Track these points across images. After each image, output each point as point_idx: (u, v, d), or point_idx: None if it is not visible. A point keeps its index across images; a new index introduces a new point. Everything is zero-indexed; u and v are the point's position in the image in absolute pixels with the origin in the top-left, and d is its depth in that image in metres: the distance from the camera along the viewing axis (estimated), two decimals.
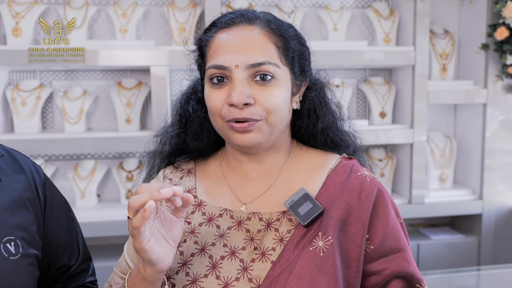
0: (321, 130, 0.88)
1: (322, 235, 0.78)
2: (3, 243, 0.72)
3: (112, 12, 2.21)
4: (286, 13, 2.36)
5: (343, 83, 2.46)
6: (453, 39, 2.54)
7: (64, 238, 0.87)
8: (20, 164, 0.83)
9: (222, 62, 0.79)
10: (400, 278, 0.80)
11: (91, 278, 0.93)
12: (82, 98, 2.23)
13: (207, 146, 0.91)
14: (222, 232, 0.83)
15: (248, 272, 0.78)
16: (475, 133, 2.53)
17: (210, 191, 0.89)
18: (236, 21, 0.82)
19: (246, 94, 0.77)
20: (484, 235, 2.49)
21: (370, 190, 0.82)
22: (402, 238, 0.82)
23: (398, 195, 2.51)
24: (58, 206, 0.88)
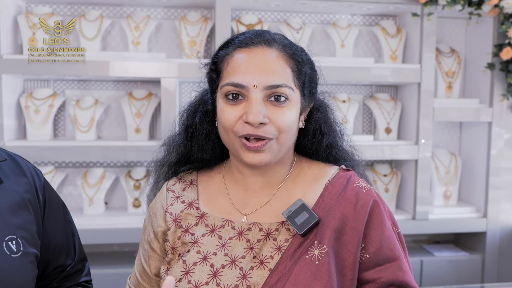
0: (325, 147, 0.92)
1: (318, 243, 0.81)
2: (5, 241, 0.76)
3: (125, 25, 2.28)
4: (294, 29, 2.41)
5: (349, 99, 2.49)
6: (459, 57, 2.57)
7: (61, 239, 0.91)
8: (22, 168, 0.87)
9: (241, 81, 0.83)
10: (395, 286, 0.82)
11: (86, 278, 0.96)
12: (94, 107, 2.29)
13: (211, 157, 0.94)
14: (223, 242, 0.86)
15: (247, 279, 0.81)
16: (480, 151, 2.55)
17: (212, 202, 0.92)
18: (255, 41, 0.86)
19: (262, 114, 0.81)
20: (488, 253, 2.49)
21: (366, 200, 0.85)
22: (397, 248, 0.84)
23: (402, 211, 2.52)
24: (56, 209, 0.91)
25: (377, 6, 2.41)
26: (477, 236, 2.54)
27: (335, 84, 2.58)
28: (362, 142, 2.41)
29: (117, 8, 2.39)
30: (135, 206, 2.33)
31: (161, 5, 2.38)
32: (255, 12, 2.46)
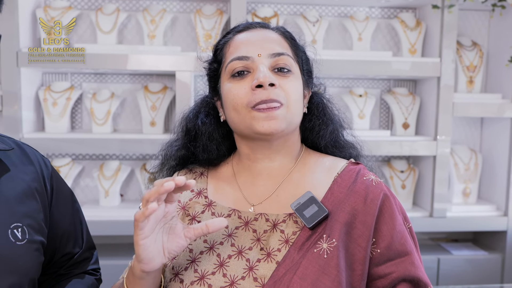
0: (330, 132, 0.91)
1: (327, 237, 0.80)
2: (11, 229, 0.77)
3: (141, 18, 2.28)
4: (311, 22, 2.38)
5: (366, 93, 2.45)
6: (482, 51, 2.50)
7: (69, 227, 0.92)
8: (29, 156, 0.88)
9: (245, 53, 0.85)
10: (407, 282, 0.80)
11: (94, 266, 0.97)
12: (110, 101, 2.31)
13: (217, 156, 0.94)
14: (230, 232, 0.86)
15: (254, 272, 0.80)
16: (502, 148, 2.47)
17: (220, 192, 0.92)
18: (253, 25, 0.91)
19: (272, 76, 0.83)
20: (508, 253, 2.42)
21: (376, 194, 0.83)
22: (408, 242, 0.83)
23: (419, 208, 2.47)
24: (64, 197, 0.92)
25: None
26: (497, 235, 2.48)
27: (352, 78, 2.54)
28: (379, 137, 2.37)
29: (133, 1, 2.39)
30: None
31: None
32: (271, 5, 2.43)
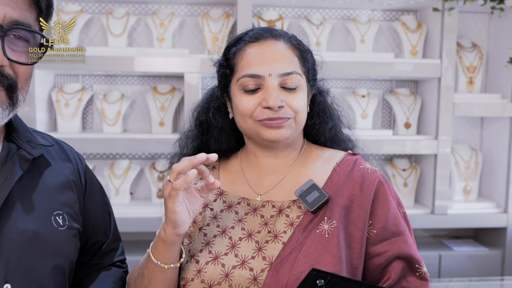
0: (329, 129, 0.99)
1: (328, 219, 0.88)
2: (54, 216, 0.85)
3: (150, 22, 2.36)
4: (315, 25, 2.45)
5: (369, 94, 2.52)
6: (481, 52, 2.56)
7: (99, 218, 0.99)
8: (67, 152, 0.96)
9: (257, 71, 0.91)
10: (400, 259, 0.88)
11: (121, 257, 1.04)
12: (120, 102, 2.38)
13: (228, 147, 1.02)
14: (240, 217, 0.94)
15: (262, 252, 0.88)
16: (501, 147, 2.53)
17: (230, 183, 1.00)
18: (263, 36, 0.95)
19: (280, 99, 0.90)
20: (508, 249, 2.48)
21: (371, 181, 0.91)
22: (402, 224, 0.90)
23: (421, 205, 2.53)
24: (95, 191, 0.99)
25: (397, 1, 2.43)
26: (497, 232, 2.54)
27: (355, 79, 2.61)
28: (381, 136, 2.44)
29: (143, 5, 2.47)
30: (159, 197, 2.42)
31: (185, 2, 2.45)
32: (276, 8, 2.51)
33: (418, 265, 0.89)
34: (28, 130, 0.88)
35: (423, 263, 0.90)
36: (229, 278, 0.87)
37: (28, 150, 0.83)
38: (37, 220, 0.81)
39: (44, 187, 0.85)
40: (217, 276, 0.87)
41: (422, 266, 0.89)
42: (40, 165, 0.86)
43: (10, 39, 0.73)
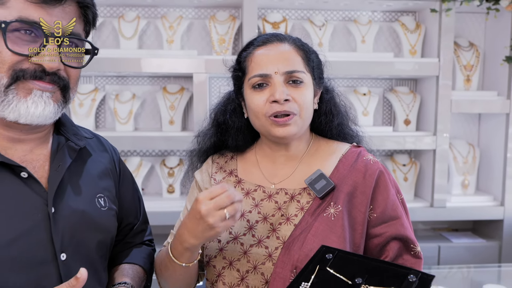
0: (337, 125, 1.08)
1: (334, 204, 0.98)
2: (97, 198, 0.96)
3: (160, 25, 2.47)
4: (317, 26, 2.55)
5: (370, 92, 2.62)
6: (478, 51, 2.65)
7: (130, 202, 1.10)
8: (104, 144, 1.07)
9: (265, 71, 1.01)
10: (397, 239, 0.99)
11: (149, 237, 1.16)
12: (132, 101, 2.49)
13: (243, 144, 1.12)
14: (256, 203, 1.04)
15: (276, 232, 0.99)
16: (498, 142, 2.63)
17: (247, 173, 1.10)
18: (270, 39, 1.06)
19: (285, 93, 0.99)
20: (505, 240, 2.58)
21: (373, 170, 1.02)
22: (399, 209, 1.00)
23: (421, 199, 2.63)
24: (127, 178, 1.11)
25: (397, 3, 2.52)
26: (494, 224, 2.63)
27: (356, 78, 2.71)
28: (382, 133, 2.54)
29: (152, 9, 2.58)
30: (169, 192, 2.53)
31: (192, 5, 2.56)
32: (280, 11, 2.61)
33: (413, 245, 0.99)
34: (73, 125, 0.99)
35: (417, 244, 1.00)
36: (247, 255, 0.98)
37: (75, 142, 0.94)
38: (84, 201, 0.92)
39: (87, 173, 0.96)
40: (237, 253, 0.98)
41: (416, 246, 0.99)
42: (83, 155, 0.97)
43: (64, 46, 0.84)
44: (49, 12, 0.80)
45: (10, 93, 0.80)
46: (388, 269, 0.71)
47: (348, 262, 0.75)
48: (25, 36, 0.80)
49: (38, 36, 0.80)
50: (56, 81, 0.84)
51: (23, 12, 0.78)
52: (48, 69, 0.82)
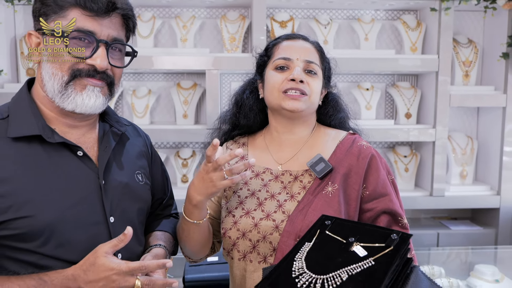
0: (339, 119, 1.24)
1: (331, 183, 1.13)
2: (135, 174, 1.13)
3: (174, 24, 2.62)
4: (322, 25, 2.69)
5: (373, 87, 2.76)
6: (476, 48, 2.78)
7: (160, 180, 1.27)
8: (138, 131, 1.24)
9: (289, 55, 1.19)
10: (386, 213, 1.14)
11: (175, 211, 1.33)
12: (148, 96, 2.65)
13: (253, 123, 1.28)
14: (265, 183, 1.20)
15: (282, 207, 1.15)
16: (495, 134, 2.76)
17: (257, 156, 1.26)
18: (297, 36, 1.26)
19: (303, 76, 1.16)
20: (501, 227, 2.71)
21: (366, 154, 1.17)
22: (388, 187, 1.15)
23: (421, 189, 2.77)
24: (157, 160, 1.27)
25: (398, 2, 2.66)
26: (491, 212, 2.77)
27: (360, 73, 2.85)
28: (384, 126, 2.68)
29: (167, 9, 2.73)
30: (183, 182, 2.69)
31: (205, 5, 2.71)
32: (287, 10, 2.75)
33: (400, 218, 1.14)
34: (115, 114, 1.16)
35: (404, 217, 1.15)
36: (257, 227, 1.13)
37: (118, 128, 1.11)
38: (126, 176, 1.08)
39: (127, 154, 1.12)
40: (249, 225, 1.14)
41: (403, 218, 1.14)
42: (123, 139, 1.14)
43: (111, 50, 1.00)
44: (100, 22, 0.96)
45: (69, 88, 0.97)
46: (376, 231, 0.86)
47: (343, 227, 0.90)
48: (81, 43, 0.96)
49: (91, 42, 0.97)
50: (105, 78, 1.00)
51: (79, 23, 0.95)
52: (99, 68, 0.98)
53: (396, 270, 0.76)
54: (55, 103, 0.98)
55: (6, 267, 0.93)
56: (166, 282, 0.98)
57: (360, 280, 0.74)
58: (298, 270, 0.81)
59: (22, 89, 1.04)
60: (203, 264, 1.70)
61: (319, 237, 0.89)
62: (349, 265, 0.78)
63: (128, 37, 1.08)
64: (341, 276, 0.76)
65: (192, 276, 1.64)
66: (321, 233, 0.90)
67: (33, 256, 0.93)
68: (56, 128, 1.01)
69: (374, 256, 0.78)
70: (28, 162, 0.94)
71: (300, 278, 0.79)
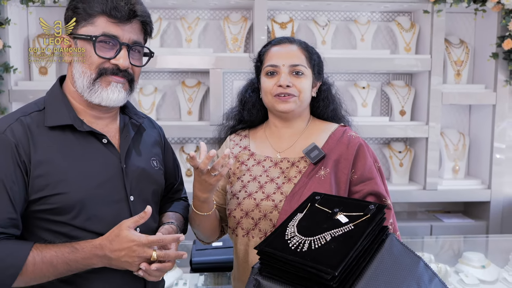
0: (332, 110, 1.37)
1: (324, 168, 1.27)
2: (151, 160, 1.26)
3: (179, 25, 2.76)
4: (321, 26, 2.82)
5: (369, 85, 2.89)
6: (468, 48, 2.91)
7: (171, 167, 1.40)
8: (153, 123, 1.38)
9: (276, 62, 1.32)
10: (372, 194, 1.27)
11: (185, 195, 1.46)
12: (154, 94, 2.79)
13: (256, 118, 1.42)
14: (265, 169, 1.33)
15: (280, 190, 1.28)
16: (485, 131, 2.88)
17: (258, 146, 1.39)
18: (283, 40, 1.38)
19: (288, 80, 1.29)
20: (492, 220, 2.83)
21: (354, 143, 1.30)
22: (374, 172, 1.28)
23: (415, 183, 2.90)
24: (169, 150, 1.41)
25: (393, 5, 2.79)
26: (482, 205, 2.89)
27: (356, 72, 2.98)
28: (379, 122, 2.80)
29: (172, 11, 2.87)
30: (188, 175, 2.83)
31: (208, 7, 2.85)
32: (287, 12, 2.89)
33: (384, 199, 1.27)
34: (134, 108, 1.30)
35: (388, 198, 1.27)
36: (259, 207, 1.27)
37: (136, 120, 1.25)
38: (143, 161, 1.22)
39: (144, 143, 1.26)
40: (251, 206, 1.28)
41: (387, 199, 1.27)
42: (140, 129, 1.27)
43: (131, 51, 1.14)
44: (122, 28, 1.10)
45: (96, 84, 1.11)
46: (357, 203, 0.98)
47: (330, 201, 1.03)
48: (107, 45, 1.10)
49: (115, 45, 1.11)
50: (126, 76, 1.14)
51: (105, 29, 1.09)
52: (121, 67, 1.12)
53: (371, 234, 0.89)
54: (84, 97, 1.13)
55: (43, 237, 1.06)
56: (178, 254, 1.11)
57: (341, 240, 0.87)
58: (290, 234, 0.94)
59: (55, 85, 1.19)
60: (208, 249, 1.83)
61: (309, 209, 1.01)
62: (332, 229, 0.91)
63: (146, 39, 1.21)
64: (325, 237, 0.89)
65: (198, 259, 1.77)
66: (311, 206, 1.02)
67: (65, 227, 1.07)
68: (84, 119, 1.14)
69: (354, 222, 0.91)
70: (62, 147, 1.09)
71: (291, 240, 0.92)
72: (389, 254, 0.88)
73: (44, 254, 1.01)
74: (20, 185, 1.03)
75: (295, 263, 0.86)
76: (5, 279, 0.98)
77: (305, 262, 0.84)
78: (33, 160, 1.04)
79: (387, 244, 0.90)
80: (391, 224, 1.25)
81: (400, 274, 0.86)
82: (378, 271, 0.84)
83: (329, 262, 0.81)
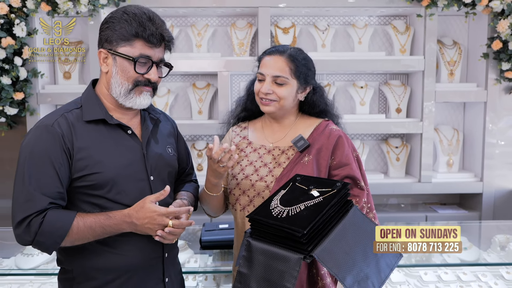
0: (319, 111, 1.59)
1: (308, 155, 1.49)
2: (167, 147, 1.51)
3: (190, 32, 3.00)
4: (321, 30, 3.03)
5: (366, 85, 3.09)
6: (460, 49, 3.08)
7: (183, 154, 1.65)
8: (167, 117, 1.63)
9: (263, 71, 1.55)
10: (348, 177, 1.48)
11: (195, 178, 1.71)
12: (167, 95, 3.04)
13: (256, 108, 1.64)
14: (260, 155, 1.57)
15: (272, 172, 1.51)
16: (478, 127, 3.05)
17: (255, 136, 1.62)
18: (273, 52, 1.58)
19: (268, 88, 1.52)
20: (484, 211, 3.01)
21: (334, 135, 1.52)
22: (350, 159, 1.50)
23: (411, 176, 3.09)
24: (181, 139, 1.66)
25: (389, 9, 2.98)
26: (475, 197, 3.06)
27: (354, 73, 3.18)
28: (377, 120, 3.00)
29: (183, 19, 3.12)
30: (199, 170, 3.06)
31: (216, 15, 3.08)
32: (289, 18, 3.11)
33: (358, 181, 1.48)
34: (151, 105, 1.54)
35: (361, 180, 1.49)
36: (253, 187, 1.51)
37: (154, 115, 1.50)
38: (161, 148, 1.47)
39: (160, 133, 1.51)
40: (248, 185, 1.52)
41: (360, 181, 1.48)
42: (157, 122, 1.52)
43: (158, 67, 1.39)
44: (154, 50, 1.35)
45: (131, 93, 1.36)
46: (328, 182, 1.21)
47: (308, 181, 1.24)
48: (142, 64, 1.35)
49: (147, 63, 1.36)
50: (152, 85, 1.38)
51: (142, 50, 1.33)
52: (152, 81, 1.37)
53: (336, 205, 1.11)
54: (118, 101, 1.37)
55: (83, 208, 1.32)
56: (188, 222, 1.35)
57: (312, 209, 1.09)
58: (274, 205, 1.17)
59: (89, 87, 1.44)
60: (215, 229, 2.08)
61: (291, 187, 1.24)
62: (306, 201, 1.13)
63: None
64: (300, 207, 1.11)
65: (207, 238, 2.02)
66: (293, 184, 1.25)
67: (100, 200, 1.32)
68: (113, 115, 1.40)
69: (323, 196, 1.13)
70: (97, 136, 1.34)
71: (274, 210, 1.15)
72: (351, 221, 1.09)
73: (85, 220, 1.27)
74: (66, 166, 1.28)
75: (276, 226, 1.09)
76: (56, 238, 1.24)
77: (283, 224, 1.07)
78: (75, 147, 1.30)
79: (350, 214, 1.11)
80: (364, 203, 1.47)
81: (359, 237, 1.07)
82: (341, 233, 1.06)
83: (301, 224, 1.04)
